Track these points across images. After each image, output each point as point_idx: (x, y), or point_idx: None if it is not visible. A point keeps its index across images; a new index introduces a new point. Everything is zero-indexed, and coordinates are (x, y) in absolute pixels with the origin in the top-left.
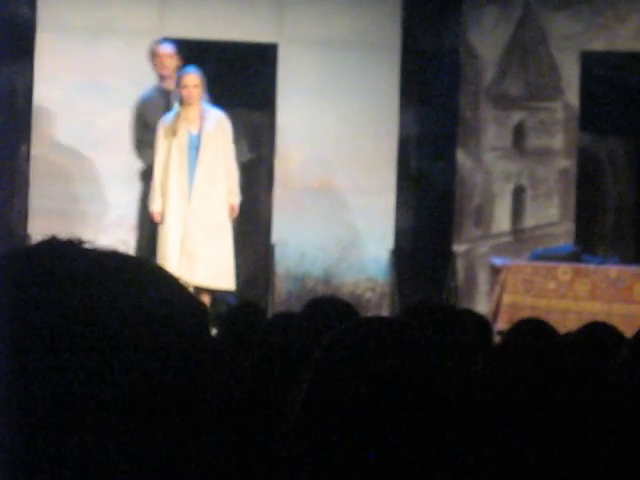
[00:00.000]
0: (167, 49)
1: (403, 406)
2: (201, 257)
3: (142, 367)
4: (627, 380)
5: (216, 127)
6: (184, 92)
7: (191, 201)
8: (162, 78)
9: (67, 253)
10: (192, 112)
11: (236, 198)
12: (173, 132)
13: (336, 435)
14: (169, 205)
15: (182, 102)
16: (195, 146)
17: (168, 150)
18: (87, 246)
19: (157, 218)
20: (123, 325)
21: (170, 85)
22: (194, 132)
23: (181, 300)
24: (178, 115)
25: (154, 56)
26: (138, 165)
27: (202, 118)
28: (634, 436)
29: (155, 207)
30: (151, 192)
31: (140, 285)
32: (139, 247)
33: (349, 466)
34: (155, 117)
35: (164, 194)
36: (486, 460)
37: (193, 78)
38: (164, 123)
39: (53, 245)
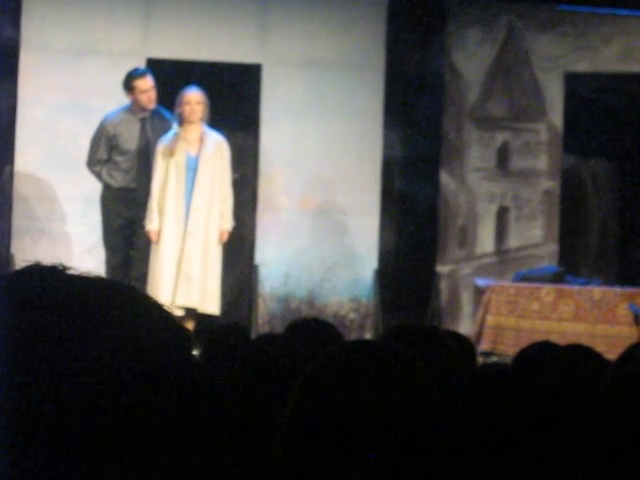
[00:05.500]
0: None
1: (388, 429)
2: (196, 279)
3: (127, 392)
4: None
5: (215, 151)
6: (186, 109)
7: (188, 223)
8: (136, 103)
9: (50, 279)
10: (192, 132)
11: (227, 224)
12: (171, 152)
13: (321, 457)
14: (165, 225)
15: (182, 121)
16: (193, 168)
17: (166, 170)
18: (71, 272)
19: (154, 238)
20: (105, 351)
21: (140, 110)
22: (192, 154)
23: (165, 326)
24: (177, 136)
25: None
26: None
27: (202, 140)
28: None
29: (152, 227)
30: (148, 212)
31: (123, 311)
32: (112, 268)
33: None
34: (125, 140)
35: (161, 214)
36: None
37: (196, 95)
38: (163, 143)
39: (36, 271)
